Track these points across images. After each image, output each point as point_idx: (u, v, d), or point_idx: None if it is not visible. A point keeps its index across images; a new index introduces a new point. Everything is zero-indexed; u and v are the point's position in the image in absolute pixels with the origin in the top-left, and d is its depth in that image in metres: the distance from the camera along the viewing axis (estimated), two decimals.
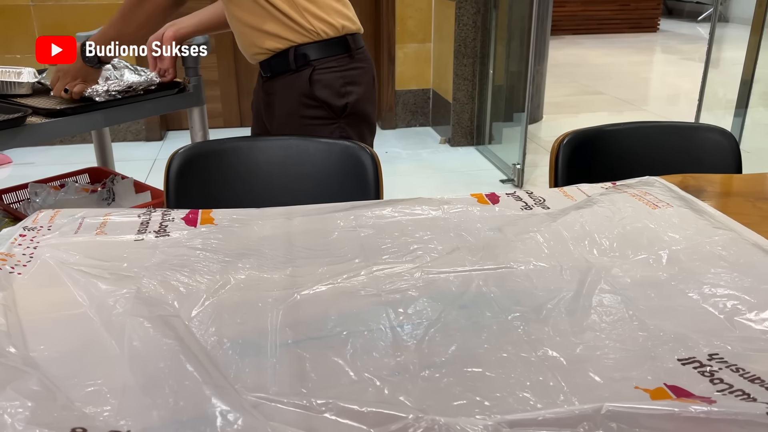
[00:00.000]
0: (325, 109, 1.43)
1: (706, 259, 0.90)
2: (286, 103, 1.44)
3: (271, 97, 1.48)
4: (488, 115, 3.90)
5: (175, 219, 1.05)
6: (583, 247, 0.95)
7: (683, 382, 0.65)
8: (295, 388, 0.65)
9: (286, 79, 1.43)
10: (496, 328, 0.75)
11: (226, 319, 0.77)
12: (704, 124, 1.44)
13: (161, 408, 0.62)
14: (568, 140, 1.34)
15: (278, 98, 1.46)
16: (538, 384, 0.66)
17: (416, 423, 0.59)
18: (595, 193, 1.14)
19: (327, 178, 1.27)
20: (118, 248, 0.94)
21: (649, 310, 0.79)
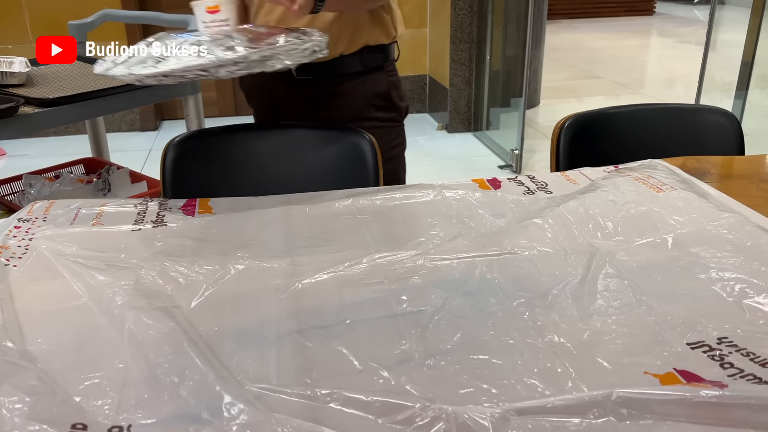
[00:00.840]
0: (395, 111, 1.40)
1: (712, 242, 0.89)
2: (352, 106, 1.34)
3: (328, 100, 1.34)
4: (485, 101, 3.87)
5: (172, 208, 1.03)
6: (588, 232, 0.94)
7: (693, 366, 0.64)
8: (298, 378, 0.64)
9: (356, 81, 1.33)
10: (501, 315, 0.74)
11: (227, 309, 0.76)
12: (706, 105, 1.43)
13: (162, 401, 0.61)
14: (569, 124, 1.32)
15: (339, 101, 1.34)
16: (546, 370, 0.65)
17: (423, 412, 0.58)
18: (598, 176, 1.13)
19: (326, 165, 1.26)
20: (115, 239, 0.93)
21: (656, 294, 0.78)
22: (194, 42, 0.96)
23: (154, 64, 0.95)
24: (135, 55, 1.01)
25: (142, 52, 1.01)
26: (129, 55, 1.02)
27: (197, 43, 0.96)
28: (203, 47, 0.94)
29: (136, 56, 1.00)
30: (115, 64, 1.00)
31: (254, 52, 0.94)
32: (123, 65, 0.99)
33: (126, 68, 0.97)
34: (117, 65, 1.00)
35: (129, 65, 0.98)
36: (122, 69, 0.98)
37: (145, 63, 0.97)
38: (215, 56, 0.92)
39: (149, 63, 0.96)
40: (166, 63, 0.94)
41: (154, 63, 0.95)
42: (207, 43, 0.95)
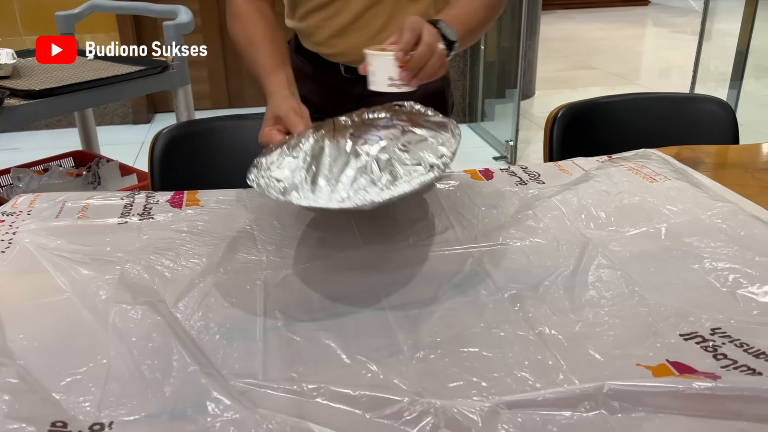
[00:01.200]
0: (445, 109, 1.31)
1: (706, 232, 0.88)
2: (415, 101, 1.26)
3: (372, 99, 1.18)
4: (480, 92, 3.85)
5: (159, 201, 1.02)
6: (580, 222, 0.93)
7: (686, 358, 0.63)
8: (285, 372, 0.63)
9: None
10: (492, 307, 0.73)
11: (213, 303, 0.74)
12: (701, 94, 1.42)
13: (146, 397, 0.59)
14: (562, 113, 1.31)
15: (386, 100, 1.26)
16: (537, 363, 0.64)
17: (411, 406, 0.57)
18: (591, 167, 1.12)
19: None
20: (100, 232, 0.91)
21: (649, 285, 0.76)
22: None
23: (310, 190, 0.75)
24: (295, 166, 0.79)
25: (304, 162, 0.79)
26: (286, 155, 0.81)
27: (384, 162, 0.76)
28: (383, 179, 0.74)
29: (296, 173, 0.77)
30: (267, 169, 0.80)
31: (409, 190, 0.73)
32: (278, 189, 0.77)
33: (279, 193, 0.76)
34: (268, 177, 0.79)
35: (286, 186, 0.76)
36: (275, 194, 0.77)
37: (303, 187, 0.75)
38: (373, 199, 0.72)
39: (306, 187, 0.75)
40: (326, 195, 0.74)
41: (311, 189, 0.75)
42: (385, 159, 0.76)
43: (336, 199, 0.72)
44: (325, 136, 0.82)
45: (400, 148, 0.78)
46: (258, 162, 0.83)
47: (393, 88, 0.81)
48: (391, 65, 0.79)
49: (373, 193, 0.72)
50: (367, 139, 0.80)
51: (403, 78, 0.80)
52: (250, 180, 0.79)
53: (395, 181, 0.74)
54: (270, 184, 0.77)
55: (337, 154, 0.78)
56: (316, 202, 0.73)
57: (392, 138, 0.80)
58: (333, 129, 0.84)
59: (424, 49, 0.84)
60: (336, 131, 0.83)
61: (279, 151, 0.83)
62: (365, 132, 0.81)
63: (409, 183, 0.74)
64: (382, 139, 0.79)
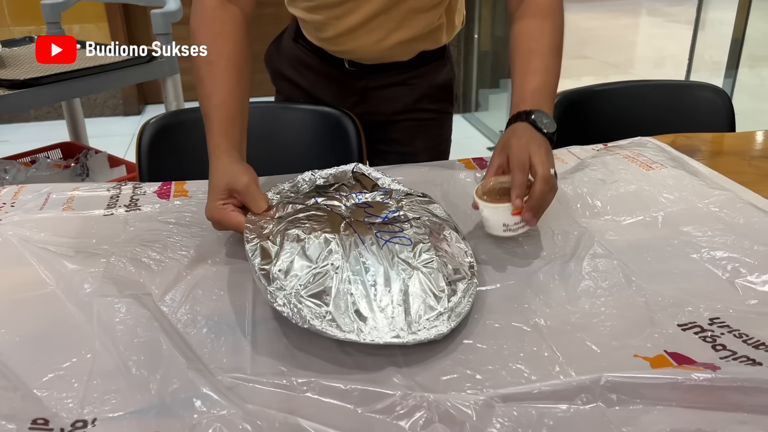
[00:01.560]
0: (451, 101, 1.27)
1: (703, 220, 0.87)
2: (408, 97, 1.20)
3: (375, 92, 1.21)
4: (474, 82, 3.83)
5: (146, 192, 0.99)
6: (576, 211, 0.91)
7: (684, 348, 0.62)
8: (274, 367, 0.61)
9: (415, 71, 1.19)
10: (486, 298, 0.72)
11: (201, 296, 0.73)
12: (696, 81, 1.40)
13: (130, 393, 0.58)
14: (557, 101, 1.29)
15: (392, 93, 1.20)
16: (533, 355, 0.62)
17: (404, 401, 0.56)
18: (587, 155, 1.10)
19: (308, 146, 1.22)
20: (86, 224, 0.89)
21: (646, 274, 0.75)
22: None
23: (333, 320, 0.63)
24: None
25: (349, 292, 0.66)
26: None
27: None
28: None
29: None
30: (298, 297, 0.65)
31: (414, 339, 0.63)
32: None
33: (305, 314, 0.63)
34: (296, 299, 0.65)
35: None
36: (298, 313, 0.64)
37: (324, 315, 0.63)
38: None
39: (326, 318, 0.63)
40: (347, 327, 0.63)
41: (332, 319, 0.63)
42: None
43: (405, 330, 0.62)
44: (338, 236, 0.71)
45: (437, 247, 0.72)
46: (273, 275, 0.67)
47: (509, 233, 0.79)
48: (506, 214, 0.77)
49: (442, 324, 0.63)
50: (396, 241, 0.71)
51: (525, 219, 0.77)
52: (278, 305, 0.64)
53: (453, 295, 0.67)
54: (316, 314, 0.63)
55: (378, 264, 0.68)
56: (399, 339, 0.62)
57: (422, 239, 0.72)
58: (340, 224, 0.74)
59: (541, 186, 0.77)
60: (350, 227, 0.73)
61: (290, 255, 0.69)
62: (385, 229, 0.74)
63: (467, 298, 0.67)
64: (411, 241, 0.72)
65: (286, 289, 0.65)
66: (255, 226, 0.76)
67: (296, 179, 0.87)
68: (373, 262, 0.68)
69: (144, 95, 4.13)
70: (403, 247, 0.71)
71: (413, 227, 0.74)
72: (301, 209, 0.78)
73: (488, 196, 0.80)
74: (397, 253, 0.70)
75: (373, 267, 0.68)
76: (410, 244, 0.72)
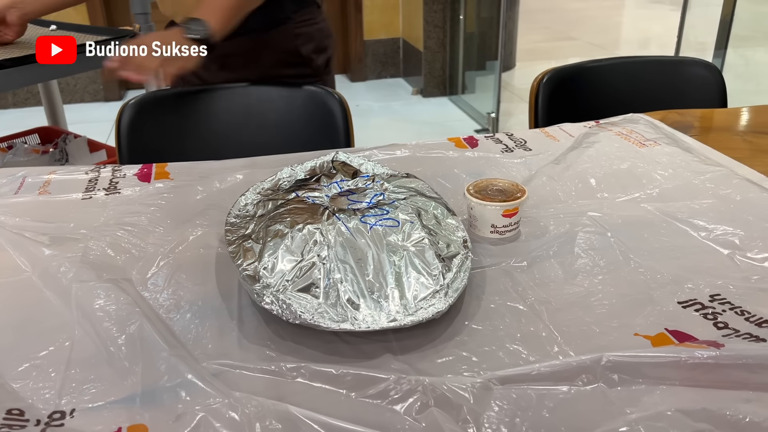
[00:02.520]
0: (309, 66, 1.27)
1: (699, 196, 0.85)
2: (259, 64, 1.23)
3: (233, 59, 1.24)
4: (460, 64, 3.79)
5: (126, 175, 0.96)
6: (570, 189, 0.89)
7: (685, 326, 0.60)
8: (262, 352, 0.59)
9: (259, 38, 1.22)
10: (481, 278, 0.69)
11: (184, 280, 0.70)
12: (688, 57, 1.38)
13: (110, 383, 0.55)
14: (548, 78, 1.26)
15: (246, 59, 1.23)
16: (530, 335, 0.60)
17: (398, 385, 0.53)
18: (579, 132, 1.08)
19: (292, 127, 1.19)
20: (63, 208, 0.86)
21: (644, 252, 0.73)
22: None
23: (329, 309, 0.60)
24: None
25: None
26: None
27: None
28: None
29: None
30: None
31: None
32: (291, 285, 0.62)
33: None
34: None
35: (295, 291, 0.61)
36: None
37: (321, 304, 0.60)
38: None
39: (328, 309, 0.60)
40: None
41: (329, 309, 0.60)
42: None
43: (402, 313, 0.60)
44: (322, 226, 0.67)
45: (426, 226, 0.69)
46: (258, 274, 0.63)
47: (495, 235, 0.77)
48: (497, 214, 0.76)
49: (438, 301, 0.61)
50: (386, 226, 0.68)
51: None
52: (266, 304, 0.61)
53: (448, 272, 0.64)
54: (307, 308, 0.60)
55: (366, 250, 0.65)
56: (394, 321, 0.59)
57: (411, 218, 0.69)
58: (323, 214, 0.70)
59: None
60: (333, 215, 0.69)
61: (274, 252, 0.65)
62: (370, 213, 0.70)
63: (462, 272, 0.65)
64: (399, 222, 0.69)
65: (272, 287, 0.62)
66: (235, 228, 0.73)
67: (276, 177, 0.84)
68: (360, 249, 0.65)
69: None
70: (390, 229, 0.68)
71: (399, 208, 0.72)
72: (281, 204, 0.74)
73: (479, 194, 0.78)
74: (385, 235, 0.67)
75: (361, 253, 0.65)
76: (398, 225, 0.69)
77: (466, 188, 0.79)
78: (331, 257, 0.64)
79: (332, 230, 0.67)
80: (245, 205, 0.78)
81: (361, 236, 0.66)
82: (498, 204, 0.75)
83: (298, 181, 0.83)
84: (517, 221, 0.78)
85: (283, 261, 0.64)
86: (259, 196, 0.80)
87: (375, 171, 0.85)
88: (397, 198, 0.74)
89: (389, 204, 0.72)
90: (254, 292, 0.62)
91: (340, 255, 0.64)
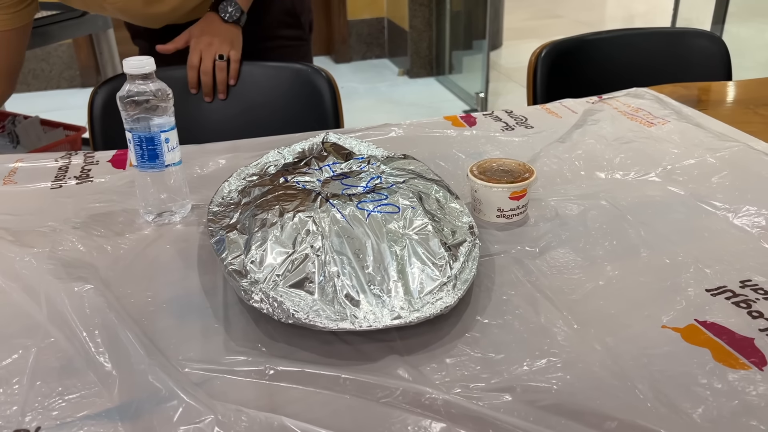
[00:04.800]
0: (300, 27, 1.24)
1: (718, 174, 0.80)
2: (257, 25, 1.16)
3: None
4: (447, 44, 3.71)
5: (99, 162, 0.89)
6: (578, 168, 0.83)
7: (717, 316, 0.55)
8: (252, 356, 0.52)
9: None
10: (488, 267, 0.64)
11: (162, 277, 0.63)
12: (691, 28, 1.32)
13: (81, 395, 0.49)
14: (546, 52, 1.20)
15: (248, 22, 1.14)
16: (550, 330, 0.54)
17: (405, 394, 0.48)
18: (582, 108, 1.02)
19: (277, 107, 1.11)
20: (30, 199, 0.79)
21: (663, 235, 0.68)
22: None
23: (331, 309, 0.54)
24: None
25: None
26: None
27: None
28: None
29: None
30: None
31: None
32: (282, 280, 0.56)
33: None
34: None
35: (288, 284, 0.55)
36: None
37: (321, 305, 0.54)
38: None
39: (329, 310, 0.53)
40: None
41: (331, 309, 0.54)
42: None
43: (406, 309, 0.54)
44: (315, 214, 0.60)
45: (429, 211, 0.63)
46: (245, 268, 0.57)
47: (502, 219, 0.71)
48: (503, 197, 0.70)
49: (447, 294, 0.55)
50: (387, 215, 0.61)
51: None
52: (255, 302, 0.54)
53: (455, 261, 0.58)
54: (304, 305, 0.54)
55: (364, 239, 0.58)
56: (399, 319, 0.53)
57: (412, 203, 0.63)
58: (315, 200, 0.63)
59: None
60: (327, 202, 0.62)
61: (262, 244, 0.58)
62: (367, 199, 0.64)
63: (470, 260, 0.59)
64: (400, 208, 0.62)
65: (261, 282, 0.56)
66: (218, 217, 0.66)
67: (261, 161, 0.77)
68: (358, 237, 0.59)
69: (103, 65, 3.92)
70: (390, 216, 0.62)
71: (399, 193, 0.65)
72: (268, 191, 0.67)
73: (484, 176, 0.72)
74: (385, 223, 0.61)
75: (359, 242, 0.59)
76: (398, 211, 0.63)
77: (469, 169, 0.73)
78: (326, 248, 0.58)
79: (326, 218, 0.60)
80: (229, 192, 0.72)
81: (358, 224, 0.60)
82: (505, 186, 0.69)
83: (285, 164, 0.76)
84: (525, 204, 0.72)
85: (273, 253, 0.58)
86: (244, 182, 0.73)
87: (370, 152, 0.79)
88: (396, 181, 0.68)
89: (387, 188, 0.66)
90: (241, 288, 0.56)
91: (335, 245, 0.58)
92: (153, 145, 0.70)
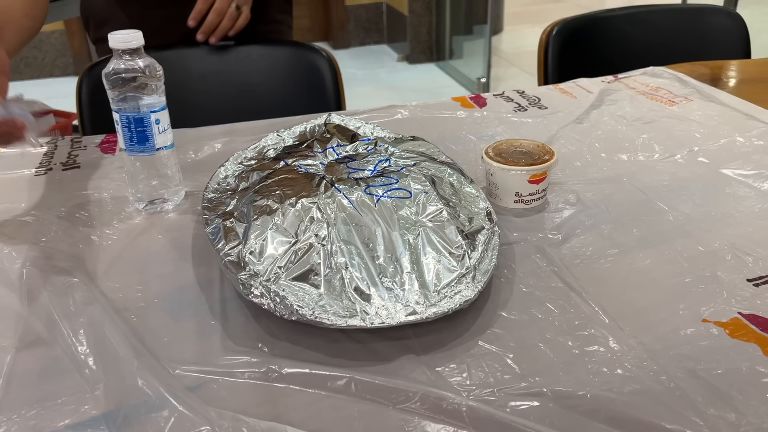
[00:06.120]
0: (291, 13, 1.18)
1: (748, 156, 0.75)
2: (258, 8, 1.09)
3: None
4: (447, 28, 3.64)
5: (87, 147, 0.84)
6: (598, 150, 0.78)
7: (763, 309, 0.50)
8: (252, 356, 0.48)
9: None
10: (508, 256, 0.59)
11: (154, 269, 0.58)
12: (708, 5, 1.27)
13: (62, 402, 0.44)
14: (558, 30, 1.15)
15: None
16: (579, 325, 0.49)
17: (424, 399, 0.43)
18: (598, 88, 0.97)
19: (276, 89, 1.06)
20: (13, 187, 0.74)
21: (696, 220, 0.63)
22: None
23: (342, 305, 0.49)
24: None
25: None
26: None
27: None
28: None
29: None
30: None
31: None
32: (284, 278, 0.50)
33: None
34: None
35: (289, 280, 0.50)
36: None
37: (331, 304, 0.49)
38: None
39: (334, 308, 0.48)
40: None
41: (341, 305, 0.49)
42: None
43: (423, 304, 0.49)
44: (319, 200, 0.55)
45: (443, 196, 0.58)
46: (244, 260, 0.52)
47: (520, 204, 0.66)
48: (522, 180, 0.65)
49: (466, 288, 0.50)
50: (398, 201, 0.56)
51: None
52: (255, 297, 0.49)
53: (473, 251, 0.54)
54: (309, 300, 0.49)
55: (374, 226, 0.54)
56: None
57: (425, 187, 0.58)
58: (320, 185, 0.58)
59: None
60: (332, 187, 0.57)
61: (262, 232, 0.53)
62: (376, 183, 0.58)
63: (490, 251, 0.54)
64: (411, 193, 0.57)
65: (261, 275, 0.51)
66: (214, 204, 0.61)
67: (260, 144, 0.72)
68: (367, 225, 0.54)
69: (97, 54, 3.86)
70: (401, 201, 0.57)
71: (410, 176, 0.60)
72: (268, 175, 0.62)
73: (500, 158, 0.66)
74: (396, 209, 0.56)
75: (368, 230, 0.54)
76: (410, 196, 0.57)
77: (485, 151, 0.67)
78: (332, 237, 0.52)
79: (332, 204, 0.55)
80: (225, 177, 0.67)
81: (367, 211, 0.55)
82: (524, 168, 0.64)
83: (286, 147, 0.71)
84: (545, 188, 0.67)
85: (274, 243, 0.53)
86: (242, 166, 0.68)
87: (376, 134, 0.73)
88: (406, 164, 0.63)
89: (397, 172, 0.61)
90: (240, 282, 0.51)
91: (342, 234, 0.53)
92: (142, 126, 0.64)
